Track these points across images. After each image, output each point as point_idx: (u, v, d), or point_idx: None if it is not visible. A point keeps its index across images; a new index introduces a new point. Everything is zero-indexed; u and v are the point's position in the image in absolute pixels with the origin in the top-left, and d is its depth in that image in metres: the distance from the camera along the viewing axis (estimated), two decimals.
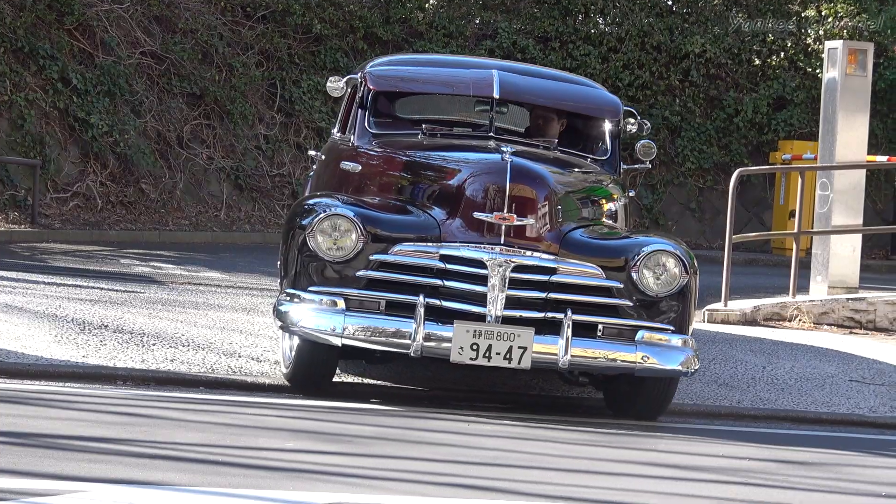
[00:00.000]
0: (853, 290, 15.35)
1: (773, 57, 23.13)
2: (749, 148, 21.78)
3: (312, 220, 8.61)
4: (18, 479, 6.15)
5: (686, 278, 8.75)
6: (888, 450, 9.36)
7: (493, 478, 7.02)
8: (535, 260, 8.58)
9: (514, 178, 8.57)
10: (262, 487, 6.40)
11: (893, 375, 11.85)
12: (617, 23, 22.78)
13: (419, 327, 8.28)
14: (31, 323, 10.53)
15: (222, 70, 20.37)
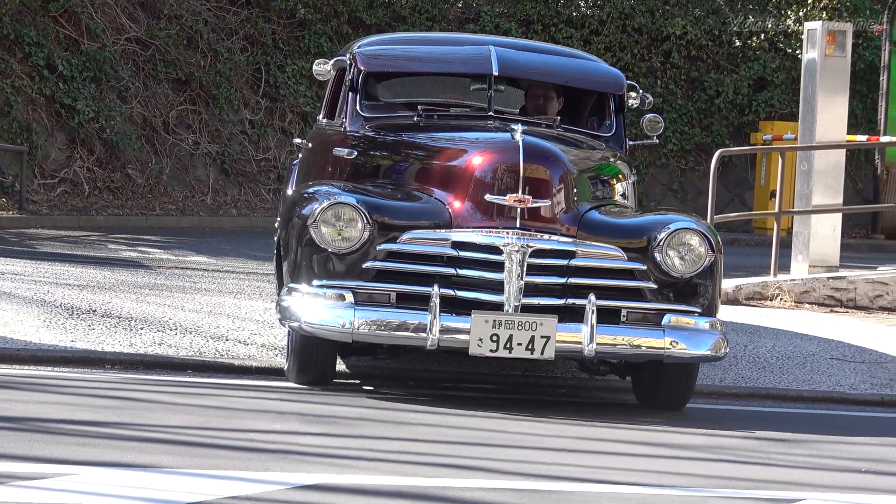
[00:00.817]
0: (834, 269, 15.39)
1: (753, 38, 23.16)
2: (730, 129, 21.82)
3: (315, 209, 8.04)
4: (9, 462, 6.17)
5: (712, 257, 8.26)
6: (868, 426, 9.39)
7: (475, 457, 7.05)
8: (553, 244, 8.07)
9: (528, 158, 8.05)
10: (250, 469, 6.42)
11: (873, 353, 11.88)
12: (599, 5, 22.81)
13: (435, 319, 7.78)
14: (19, 308, 10.53)
15: (207, 55, 20.36)
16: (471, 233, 7.97)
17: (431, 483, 6.44)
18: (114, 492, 5.78)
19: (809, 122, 15.77)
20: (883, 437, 9.00)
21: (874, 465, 7.89)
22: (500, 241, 7.88)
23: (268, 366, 9.36)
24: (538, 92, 9.91)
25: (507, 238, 7.89)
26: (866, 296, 14.98)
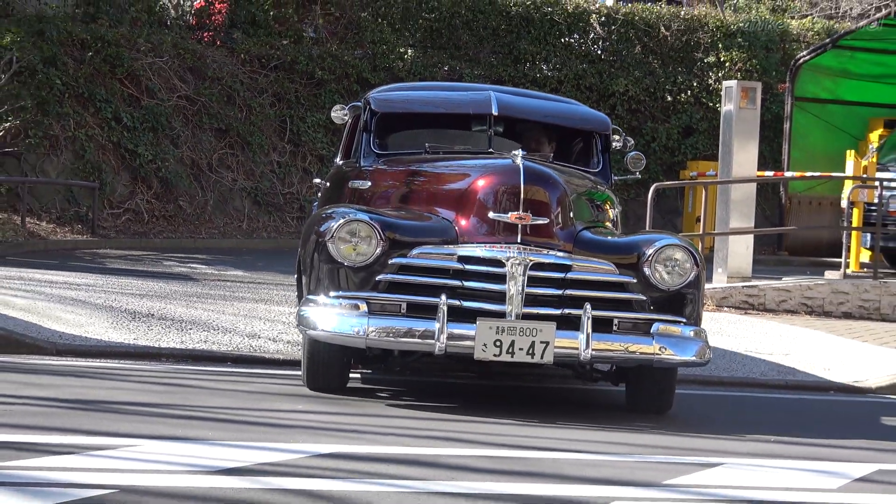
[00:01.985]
0: (747, 280, 15.41)
1: (681, 94, 23.21)
2: (664, 167, 21.81)
3: (332, 226, 7.42)
4: (84, 436, 6.19)
5: (696, 271, 7.62)
6: (776, 405, 9.40)
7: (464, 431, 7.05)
8: (551, 258, 7.40)
9: (528, 180, 7.41)
10: (277, 441, 6.42)
11: (779, 347, 11.89)
12: (557, 69, 22.83)
13: (443, 326, 7.10)
14: (91, 313, 10.53)
15: (243, 109, 20.35)
16: (476, 247, 7.38)
17: (428, 451, 6.43)
18: (167, 459, 5.77)
19: (727, 161, 15.81)
20: (788, 414, 9.02)
21: (781, 437, 7.90)
22: (503, 255, 7.29)
23: (292, 359, 9.30)
24: (533, 133, 9.29)
25: (510, 252, 7.29)
26: (773, 300, 15.00)
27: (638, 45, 23.57)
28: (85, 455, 5.73)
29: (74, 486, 5.11)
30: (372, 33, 22.18)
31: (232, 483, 5.41)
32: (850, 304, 15.14)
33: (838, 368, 10.88)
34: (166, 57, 20.15)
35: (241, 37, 21.48)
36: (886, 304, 15.16)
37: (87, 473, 5.35)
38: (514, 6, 23.20)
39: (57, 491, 5.02)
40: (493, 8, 23.00)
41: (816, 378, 10.40)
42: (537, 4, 23.44)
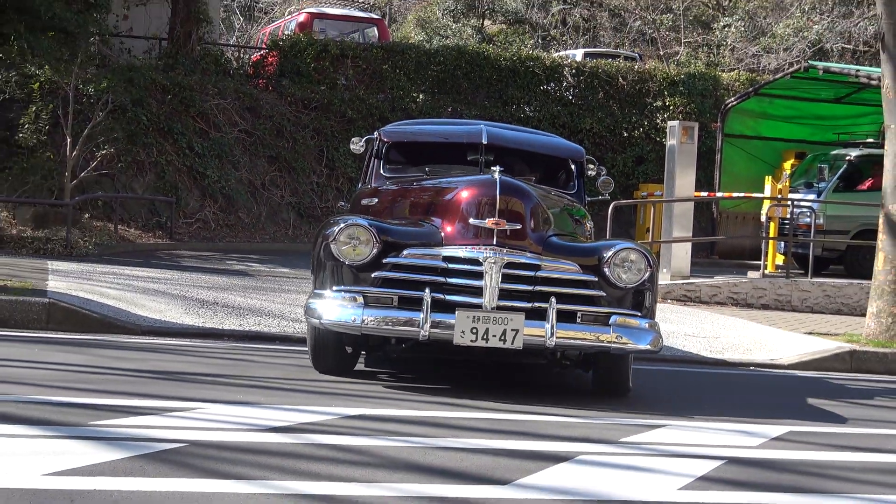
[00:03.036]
0: (686, 278, 15.42)
1: (635, 131, 23.23)
2: (620, 189, 21.74)
3: (335, 230, 7.11)
4: (161, 400, 6.19)
5: (650, 271, 7.16)
6: (710, 379, 9.36)
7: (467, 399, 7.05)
8: (523, 258, 6.95)
9: (503, 191, 7.02)
10: (318, 404, 6.42)
11: (710, 331, 11.87)
12: (537, 110, 22.85)
13: (426, 316, 6.72)
14: (169, 301, 10.54)
15: (289, 141, 20.35)
16: (458, 249, 6.97)
17: (432, 415, 6.43)
18: (227, 419, 5.78)
19: (671, 184, 15.82)
20: (717, 386, 9.01)
21: (716, 404, 7.90)
22: (481, 255, 6.88)
23: None
24: (517, 160, 8.82)
25: (486, 252, 6.87)
26: (707, 295, 15.01)
27: (601, 91, 23.56)
28: (163, 415, 5.75)
29: (155, 441, 5.13)
30: (391, 81, 22.18)
31: (279, 439, 5.42)
32: (767, 297, 15.15)
33: (758, 349, 10.89)
34: (229, 99, 20.17)
35: (289, 84, 21.47)
36: (796, 298, 15.18)
37: (165, 430, 5.37)
38: (504, 61, 23.20)
39: (142, 444, 5.04)
40: (486, 62, 23.01)
41: (740, 357, 10.39)
42: (522, 59, 23.46)
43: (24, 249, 14.37)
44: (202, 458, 4.88)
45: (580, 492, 4.85)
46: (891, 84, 11.66)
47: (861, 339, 11.51)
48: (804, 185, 18.37)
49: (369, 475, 4.83)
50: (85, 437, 5.08)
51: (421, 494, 4.59)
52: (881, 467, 6.01)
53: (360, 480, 4.73)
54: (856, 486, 5.44)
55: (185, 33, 21.14)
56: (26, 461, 4.57)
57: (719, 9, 34.72)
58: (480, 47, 25.41)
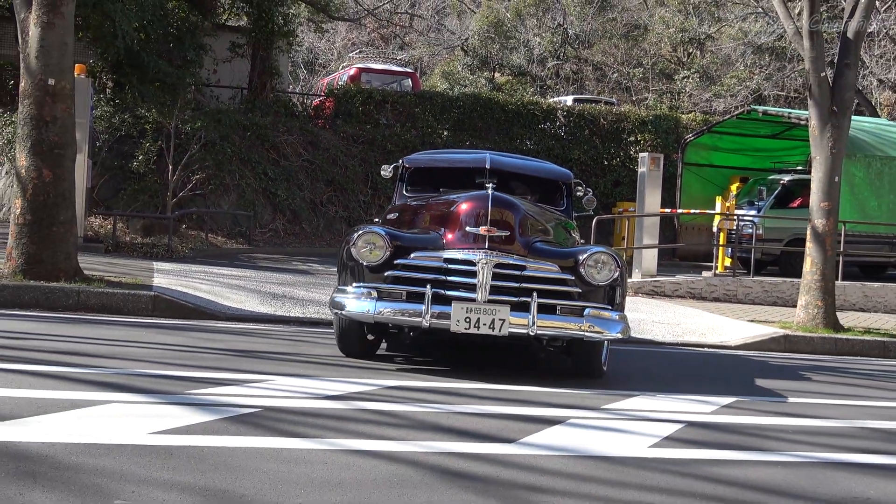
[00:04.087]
0: (654, 276, 15.31)
1: (613, 160, 23.13)
2: (602, 206, 21.69)
3: (354, 236, 6.91)
4: (240, 374, 6.16)
5: (619, 271, 6.81)
6: (669, 358, 9.26)
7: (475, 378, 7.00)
8: (510, 259, 6.63)
9: (494, 203, 6.74)
10: (362, 377, 6.38)
11: (672, 319, 11.77)
12: (536, 143, 22.74)
13: (427, 307, 6.46)
14: (248, 294, 10.53)
15: (342, 168, 20.32)
16: (456, 252, 6.67)
17: (456, 385, 6.39)
18: (292, 389, 5.75)
19: (641, 202, 15.71)
20: (677, 364, 8.91)
21: (677, 378, 7.81)
22: (475, 257, 6.59)
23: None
24: (516, 182, 8.51)
25: (479, 255, 6.59)
26: (670, 290, 14.90)
27: (586, 129, 23.44)
28: (242, 386, 5.72)
29: (236, 406, 5.10)
30: (421, 121, 22.12)
31: (333, 405, 5.39)
32: (718, 292, 15.02)
33: (710, 334, 10.80)
34: (295, 135, 20.16)
35: (342, 123, 21.44)
36: (741, 293, 15.04)
37: (244, 398, 5.35)
38: (510, 105, 23.12)
39: (226, 409, 5.01)
40: (496, 106, 22.93)
41: (696, 340, 10.30)
42: (524, 104, 23.37)
43: (135, 253, 14.41)
44: (273, 421, 4.86)
45: (572, 448, 4.80)
46: (816, 124, 11.57)
47: (793, 326, 11.42)
48: (747, 203, 18.28)
49: (403, 434, 4.79)
50: (181, 403, 5.06)
51: (444, 450, 4.55)
52: (811, 430, 5.93)
53: (397, 439, 4.69)
54: (790, 446, 5.38)
55: (261, 84, 21.19)
56: (134, 422, 4.56)
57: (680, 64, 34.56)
58: (492, 94, 25.33)
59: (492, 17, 37.16)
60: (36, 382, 5.27)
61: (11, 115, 17.58)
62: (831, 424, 6.16)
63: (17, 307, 8.59)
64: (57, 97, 9.48)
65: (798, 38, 11.63)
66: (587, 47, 37.00)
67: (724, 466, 4.75)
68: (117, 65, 17.66)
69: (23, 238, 9.40)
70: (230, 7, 22.21)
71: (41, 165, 9.42)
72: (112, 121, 17.58)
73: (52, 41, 9.42)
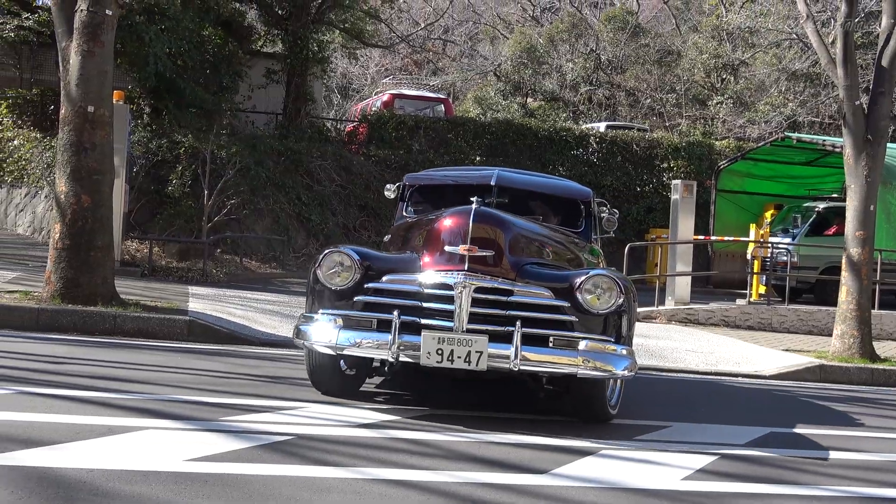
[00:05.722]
0: (687, 304, 15.23)
1: (646, 187, 23.06)
2: (635, 233, 21.60)
3: (320, 256, 6.20)
4: (273, 400, 6.18)
5: (622, 297, 5.93)
6: (704, 386, 9.20)
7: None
8: (494, 283, 5.81)
9: (477, 219, 5.89)
10: (394, 405, 6.37)
11: (706, 347, 11.70)
12: (568, 170, 22.72)
13: (394, 337, 5.68)
14: (281, 319, 10.56)
15: (374, 193, 20.38)
16: (432, 275, 5.87)
17: (486, 414, 6.37)
18: (325, 416, 5.76)
19: (674, 229, 15.66)
20: (711, 392, 8.83)
21: (711, 408, 7.75)
22: (452, 280, 5.79)
23: None
24: (527, 201, 7.65)
25: (457, 278, 5.77)
26: (704, 318, 14.81)
27: (619, 156, 23.41)
28: (275, 413, 5.75)
29: (269, 434, 5.13)
30: (454, 147, 22.21)
31: (366, 433, 5.40)
32: (752, 320, 14.91)
33: (744, 363, 10.71)
34: (329, 160, 20.30)
35: (375, 148, 21.58)
36: (776, 321, 14.92)
37: (277, 425, 5.37)
38: (542, 131, 23.16)
39: (260, 436, 5.04)
40: (529, 131, 22.97)
41: (730, 369, 10.21)
42: (557, 130, 23.40)
43: (171, 277, 14.54)
44: (306, 449, 4.88)
45: (604, 480, 4.78)
46: (850, 152, 11.49)
47: (828, 356, 11.30)
48: (781, 230, 18.18)
49: (436, 464, 4.80)
50: (215, 430, 5.10)
51: (476, 481, 4.55)
52: (849, 463, 5.86)
53: (429, 468, 4.69)
54: (827, 480, 5.31)
55: (295, 110, 21.40)
56: (170, 449, 4.60)
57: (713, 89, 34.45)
58: (524, 120, 25.41)
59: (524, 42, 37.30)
60: (73, 407, 5.33)
61: (51, 140, 17.88)
62: (870, 458, 6.08)
63: (55, 331, 8.70)
64: (96, 124, 9.63)
65: (832, 67, 11.58)
66: (620, 73, 37.01)
67: (759, 500, 4.70)
68: (155, 91, 17.91)
69: (61, 262, 9.53)
70: (265, 34, 22.48)
71: (80, 191, 9.57)
72: (149, 146, 17.81)
73: (91, 69, 9.59)
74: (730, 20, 33.81)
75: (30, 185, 18.97)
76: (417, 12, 43.06)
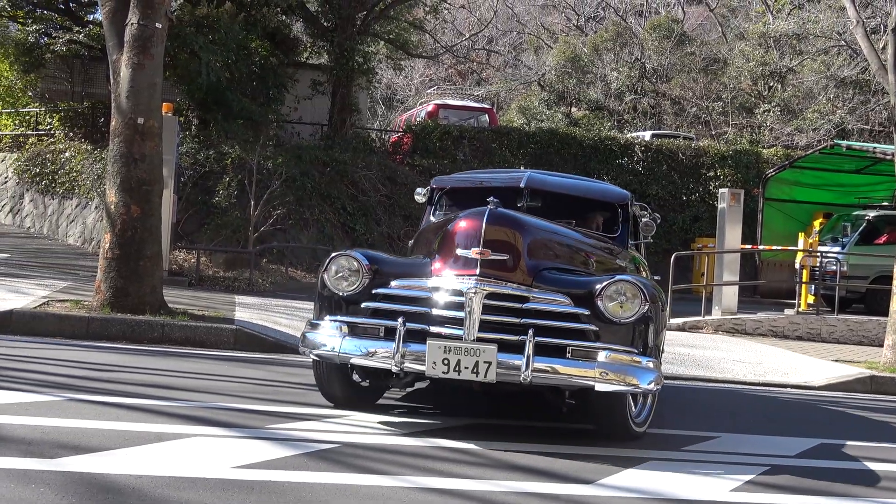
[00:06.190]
0: (734, 314, 15.07)
1: (692, 196, 22.88)
2: (681, 242, 21.47)
3: (328, 260, 5.90)
4: (320, 408, 6.20)
5: (647, 305, 5.49)
6: (752, 396, 9.11)
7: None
8: (507, 289, 5.44)
9: (491, 221, 5.50)
10: (439, 414, 6.36)
11: (754, 358, 11.56)
12: (613, 178, 22.61)
13: (398, 346, 5.33)
14: None
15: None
16: (442, 279, 5.53)
17: (530, 424, 6.33)
18: (369, 425, 5.76)
19: (721, 238, 15.52)
20: (760, 402, 8.71)
21: (759, 419, 7.64)
22: (462, 286, 5.42)
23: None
24: (559, 204, 7.14)
25: (467, 283, 5.41)
26: (751, 328, 14.64)
27: (664, 164, 23.27)
28: (320, 421, 5.76)
29: (315, 441, 5.14)
30: (499, 156, 22.22)
31: (411, 441, 5.39)
32: (801, 330, 14.71)
33: (793, 373, 10.56)
34: (374, 170, 20.41)
35: (419, 158, 21.67)
36: (825, 331, 14.71)
37: (323, 433, 5.38)
38: (587, 140, 23.11)
39: (306, 444, 5.06)
40: (573, 141, 22.94)
41: (779, 379, 10.08)
42: (601, 139, 23.34)
43: (217, 286, 14.68)
44: (352, 457, 4.88)
45: (650, 491, 4.73)
46: None
47: (879, 366, 11.11)
48: (831, 239, 17.93)
49: (480, 473, 4.78)
50: (262, 437, 5.13)
51: (522, 490, 4.52)
52: None
53: (474, 477, 4.67)
54: (879, 493, 5.21)
55: (340, 120, 21.56)
56: (217, 456, 4.64)
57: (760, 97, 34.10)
58: (568, 129, 25.35)
59: (569, 52, 37.22)
60: (123, 414, 5.40)
61: (101, 152, 18.17)
62: None
63: (104, 339, 8.82)
64: (146, 135, 9.77)
65: (882, 73, 11.41)
66: (665, 81, 36.78)
67: None
68: (203, 103, 18.14)
69: (111, 272, 9.67)
70: (311, 46, 22.68)
71: (130, 201, 9.71)
72: (197, 157, 18.04)
73: (141, 82, 9.73)
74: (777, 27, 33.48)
75: (80, 197, 19.29)
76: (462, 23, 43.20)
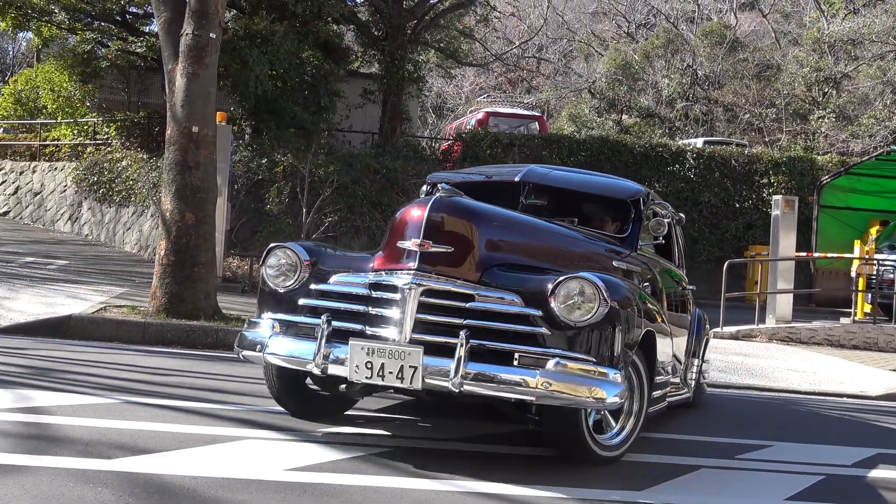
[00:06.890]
0: (789, 322, 14.85)
1: (745, 203, 22.60)
2: (734, 250, 21.19)
3: (265, 251, 5.42)
4: (368, 412, 6.19)
5: (605, 307, 4.67)
6: (808, 406, 8.97)
7: None
8: (448, 285, 4.78)
9: (434, 209, 4.84)
10: (492, 419, 6.35)
11: (809, 367, 11.38)
12: (665, 186, 22.40)
13: (320, 347, 4.79)
14: None
15: None
16: (380, 275, 4.92)
17: None
18: (420, 427, 5.76)
19: (775, 246, 15.31)
20: (816, 412, 8.56)
21: (815, 428, 7.50)
22: (398, 281, 4.82)
23: None
24: (562, 200, 6.57)
25: (403, 278, 4.80)
26: (806, 336, 14.42)
27: (717, 171, 23.00)
28: (371, 425, 5.76)
29: (366, 445, 5.13)
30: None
31: (462, 446, 5.38)
32: (857, 339, 14.45)
33: (849, 383, 10.38)
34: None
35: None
36: (882, 341, 14.43)
37: (373, 437, 5.38)
38: (638, 147, 22.92)
39: (355, 447, 5.04)
40: (624, 148, 22.77)
41: (835, 389, 9.92)
42: (653, 146, 23.14)
43: None
44: (402, 460, 4.89)
45: (704, 500, 4.68)
46: None
47: None
48: (887, 247, 17.59)
49: (532, 478, 4.76)
50: (315, 440, 5.16)
51: (579, 497, 4.49)
52: None
53: (526, 483, 4.66)
54: None
55: (391, 129, 21.65)
56: (270, 458, 4.67)
57: (814, 104, 33.62)
58: (619, 136, 25.22)
59: (619, 59, 37.05)
60: (177, 417, 5.47)
61: (157, 161, 18.46)
62: None
63: (160, 344, 8.94)
64: (200, 144, 9.91)
65: None
66: (717, 88, 36.42)
67: None
68: (255, 112, 18.34)
69: (166, 278, 9.81)
70: (362, 55, 22.83)
71: (184, 209, 9.85)
72: (250, 165, 18.24)
73: (196, 91, 9.88)
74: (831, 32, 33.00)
75: (136, 205, 19.61)
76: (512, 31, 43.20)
